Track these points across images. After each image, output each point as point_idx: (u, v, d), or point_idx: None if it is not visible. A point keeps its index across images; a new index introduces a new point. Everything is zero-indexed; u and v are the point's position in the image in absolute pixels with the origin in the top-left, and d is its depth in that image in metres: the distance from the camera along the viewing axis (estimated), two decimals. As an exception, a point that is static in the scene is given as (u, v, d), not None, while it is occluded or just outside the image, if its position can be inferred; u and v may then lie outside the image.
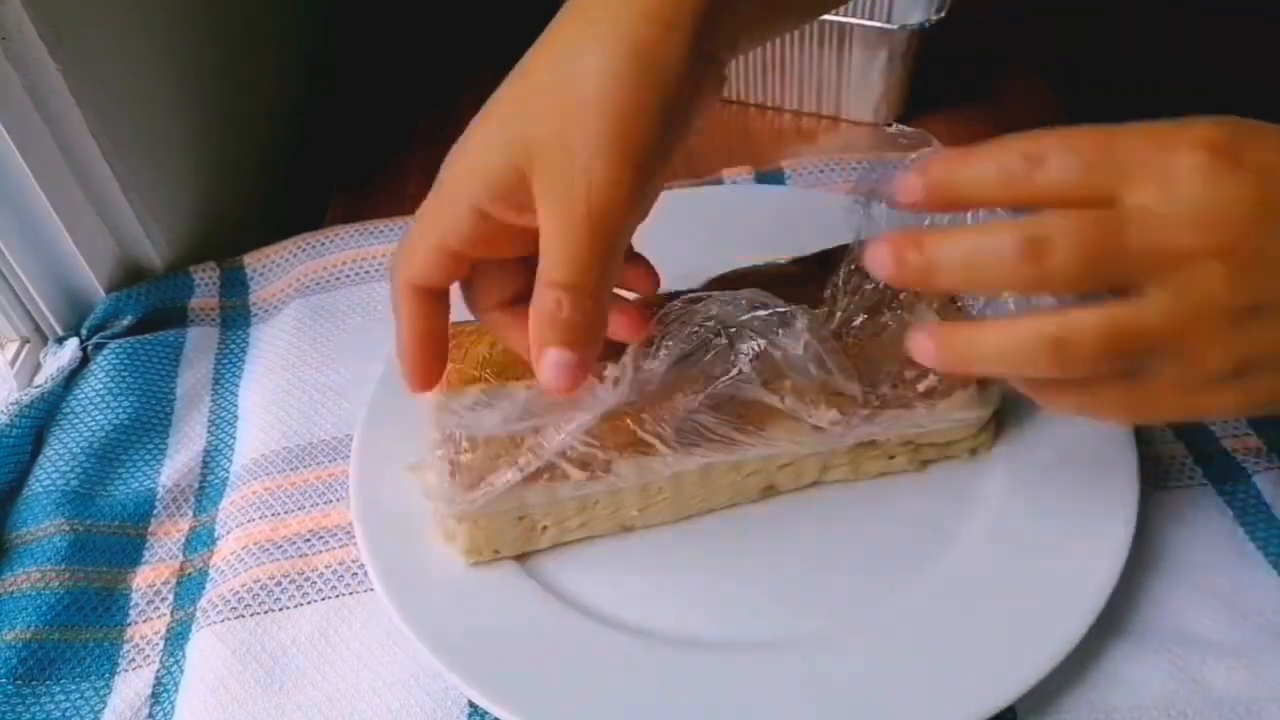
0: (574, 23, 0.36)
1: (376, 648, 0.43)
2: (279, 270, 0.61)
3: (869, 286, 0.47)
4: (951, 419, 0.45)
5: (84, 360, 0.56)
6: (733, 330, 0.42)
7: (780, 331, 0.42)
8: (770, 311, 0.42)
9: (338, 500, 0.49)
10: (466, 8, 0.87)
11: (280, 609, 0.45)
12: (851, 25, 0.66)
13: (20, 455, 0.51)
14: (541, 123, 0.34)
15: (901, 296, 0.47)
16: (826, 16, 0.67)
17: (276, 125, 0.75)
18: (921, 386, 0.44)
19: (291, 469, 0.50)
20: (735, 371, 0.42)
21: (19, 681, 0.43)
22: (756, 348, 0.42)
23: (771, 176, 0.64)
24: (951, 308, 0.47)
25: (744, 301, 0.42)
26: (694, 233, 0.59)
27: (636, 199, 0.34)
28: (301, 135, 0.79)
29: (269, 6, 0.75)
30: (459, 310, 0.50)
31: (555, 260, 0.34)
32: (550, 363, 0.35)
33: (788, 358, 0.42)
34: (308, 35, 0.83)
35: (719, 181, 0.64)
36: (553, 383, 0.35)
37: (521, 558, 0.45)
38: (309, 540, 0.47)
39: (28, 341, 0.58)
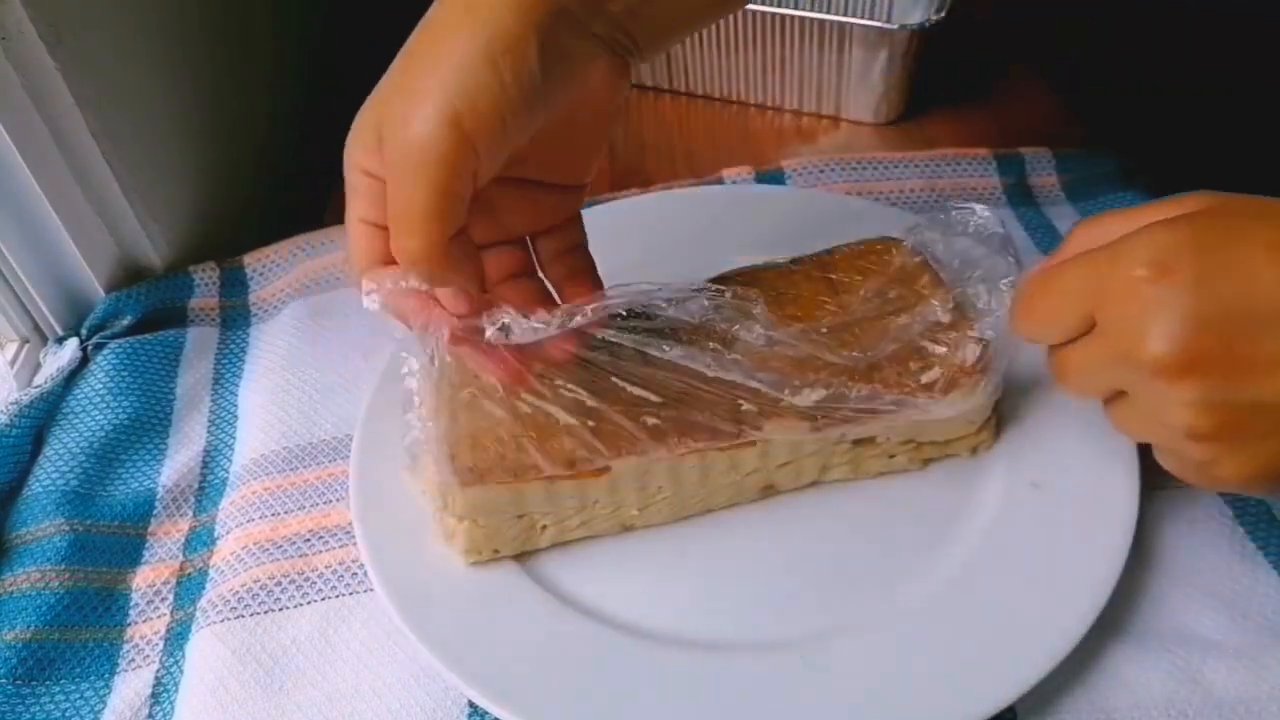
0: None
1: (376, 648, 0.43)
2: (279, 270, 0.61)
3: (865, 291, 0.47)
4: (952, 410, 0.45)
5: (84, 360, 0.56)
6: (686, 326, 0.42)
7: (737, 326, 0.42)
8: (719, 304, 0.42)
9: (338, 500, 0.49)
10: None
11: (280, 609, 0.45)
12: (851, 25, 0.66)
13: (20, 455, 0.51)
14: (389, 80, 0.37)
15: (896, 294, 0.47)
16: (826, 16, 0.67)
17: (276, 125, 0.75)
18: (925, 379, 0.44)
19: (291, 469, 0.50)
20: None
21: (19, 682, 0.43)
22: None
23: (771, 176, 0.64)
24: (955, 311, 0.47)
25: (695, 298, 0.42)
26: (694, 232, 0.59)
27: (459, 154, 0.34)
28: (301, 135, 0.79)
29: (269, 7, 0.75)
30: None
31: (389, 205, 0.36)
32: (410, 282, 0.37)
33: (750, 348, 0.42)
34: (308, 35, 0.83)
35: (719, 181, 0.64)
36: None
37: (521, 557, 0.45)
38: (309, 540, 0.47)
39: (27, 341, 0.58)
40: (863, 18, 0.68)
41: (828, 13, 0.68)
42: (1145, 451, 0.47)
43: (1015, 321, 0.40)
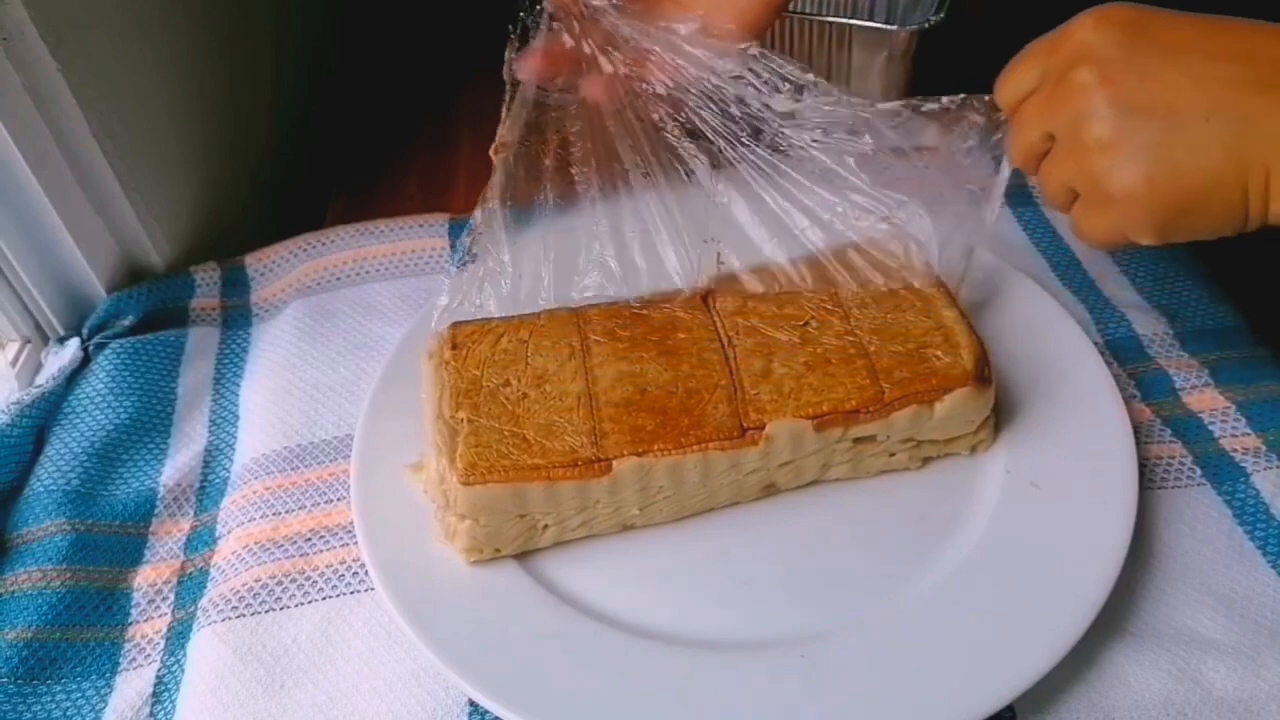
0: None
1: (377, 647, 0.43)
2: (279, 270, 0.62)
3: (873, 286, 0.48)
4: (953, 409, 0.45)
5: (85, 360, 0.56)
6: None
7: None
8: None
9: (338, 500, 0.49)
10: (467, 11, 0.87)
11: (281, 608, 0.45)
12: (851, 25, 0.66)
13: (21, 455, 0.51)
14: None
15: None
16: (827, 17, 0.67)
17: (277, 126, 0.76)
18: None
19: (292, 469, 0.50)
20: None
21: (20, 681, 0.43)
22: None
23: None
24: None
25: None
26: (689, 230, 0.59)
27: None
28: (302, 136, 0.79)
29: (270, 8, 0.75)
30: (464, 310, 0.51)
31: None
32: None
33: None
34: (309, 37, 0.83)
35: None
36: None
37: (522, 557, 0.45)
38: (310, 540, 0.47)
39: (29, 341, 0.58)
40: (863, 18, 0.68)
41: (828, 14, 0.68)
42: (1144, 451, 0.47)
43: (998, 88, 0.45)
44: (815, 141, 0.48)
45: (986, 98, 0.46)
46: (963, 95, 0.48)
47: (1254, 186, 0.37)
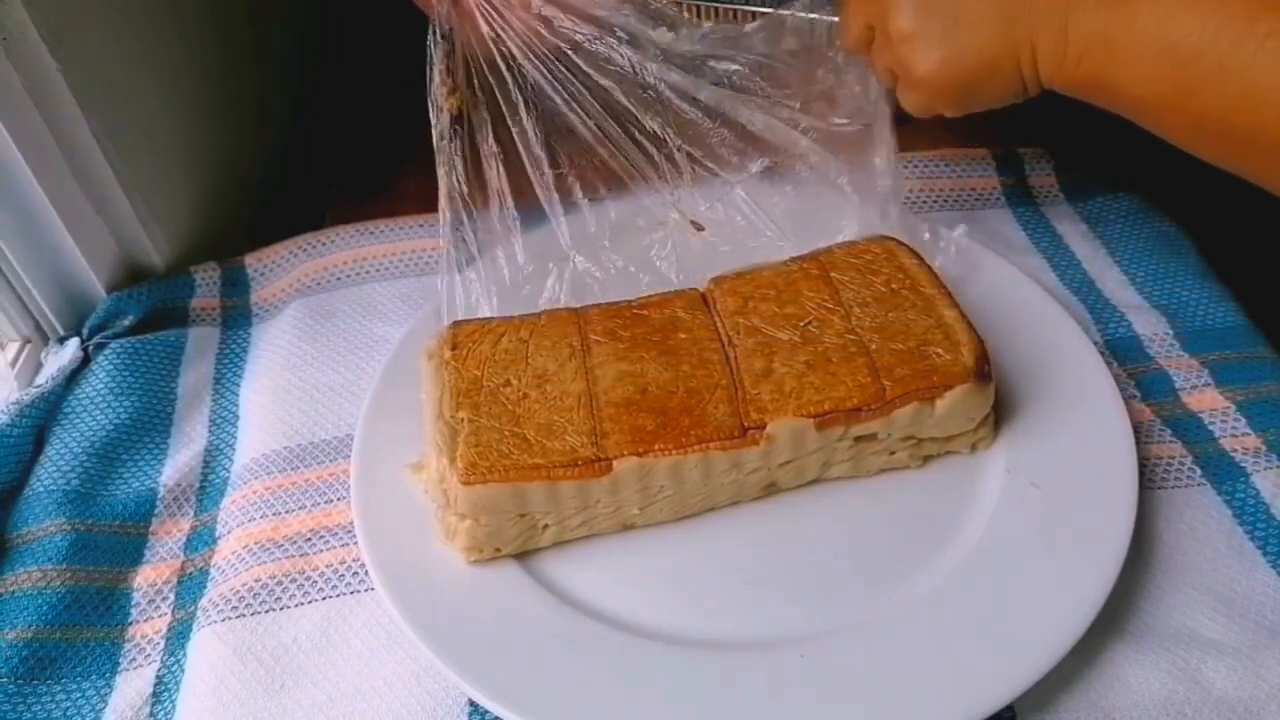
0: None
1: (377, 647, 0.43)
2: (279, 270, 0.62)
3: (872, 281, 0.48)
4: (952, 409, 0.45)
5: (85, 360, 0.56)
6: None
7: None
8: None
9: (338, 500, 0.49)
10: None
11: (281, 608, 0.45)
12: (851, 26, 0.66)
13: (21, 455, 0.51)
14: None
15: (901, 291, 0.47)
16: (825, 17, 0.67)
17: (277, 126, 0.76)
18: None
19: (292, 468, 0.50)
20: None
21: (20, 680, 0.43)
22: None
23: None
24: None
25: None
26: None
27: None
28: (302, 136, 0.79)
29: (271, 8, 0.75)
30: (464, 309, 0.51)
31: None
32: None
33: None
34: (309, 36, 0.83)
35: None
36: None
37: (522, 557, 0.45)
38: (310, 540, 0.47)
39: (29, 341, 0.58)
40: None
41: (828, 14, 0.68)
42: (1144, 451, 0.47)
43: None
44: (701, 61, 0.51)
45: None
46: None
47: (1024, 60, 0.44)
